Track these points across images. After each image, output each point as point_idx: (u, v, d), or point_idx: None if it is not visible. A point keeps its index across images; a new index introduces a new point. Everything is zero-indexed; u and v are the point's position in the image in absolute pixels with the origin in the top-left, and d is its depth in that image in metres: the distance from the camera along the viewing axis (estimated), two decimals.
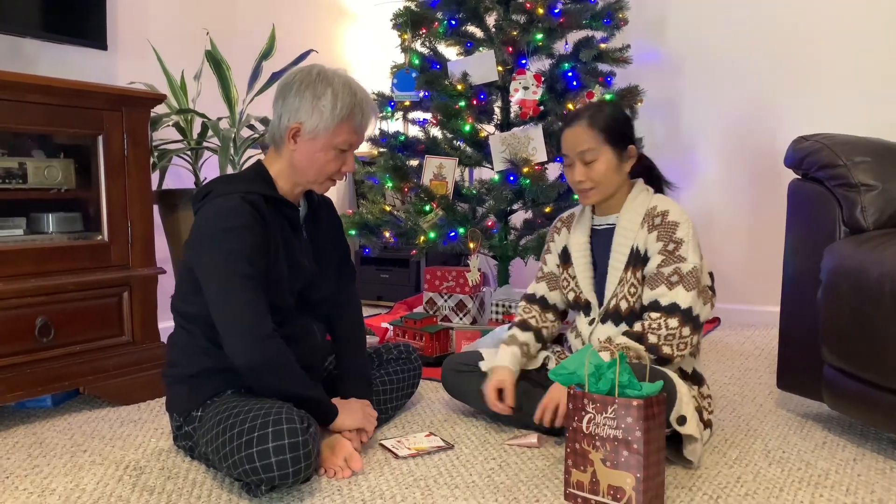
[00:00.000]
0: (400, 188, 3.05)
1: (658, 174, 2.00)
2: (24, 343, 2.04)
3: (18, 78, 2.04)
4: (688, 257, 1.74)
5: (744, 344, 3.05)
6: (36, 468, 1.74)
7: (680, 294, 1.72)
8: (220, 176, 1.81)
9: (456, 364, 2.09)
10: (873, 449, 1.81)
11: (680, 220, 1.78)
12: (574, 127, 1.83)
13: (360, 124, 1.74)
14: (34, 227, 2.20)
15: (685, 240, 1.75)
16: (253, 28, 3.42)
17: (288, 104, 1.71)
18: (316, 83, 1.70)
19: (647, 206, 1.83)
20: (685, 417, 1.63)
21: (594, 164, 1.81)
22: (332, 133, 1.70)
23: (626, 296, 1.81)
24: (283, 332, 1.70)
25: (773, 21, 3.38)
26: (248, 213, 1.63)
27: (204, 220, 1.67)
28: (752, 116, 3.47)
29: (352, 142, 1.74)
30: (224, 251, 1.60)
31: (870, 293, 1.66)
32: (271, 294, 1.69)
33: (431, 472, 1.69)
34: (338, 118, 1.69)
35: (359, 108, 1.72)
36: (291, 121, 1.70)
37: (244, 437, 1.49)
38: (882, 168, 1.87)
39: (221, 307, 1.60)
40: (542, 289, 2.04)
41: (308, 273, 1.80)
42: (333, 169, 1.75)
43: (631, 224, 1.82)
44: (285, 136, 1.72)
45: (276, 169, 1.76)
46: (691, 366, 1.86)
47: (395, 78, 3.11)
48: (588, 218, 1.95)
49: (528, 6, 2.94)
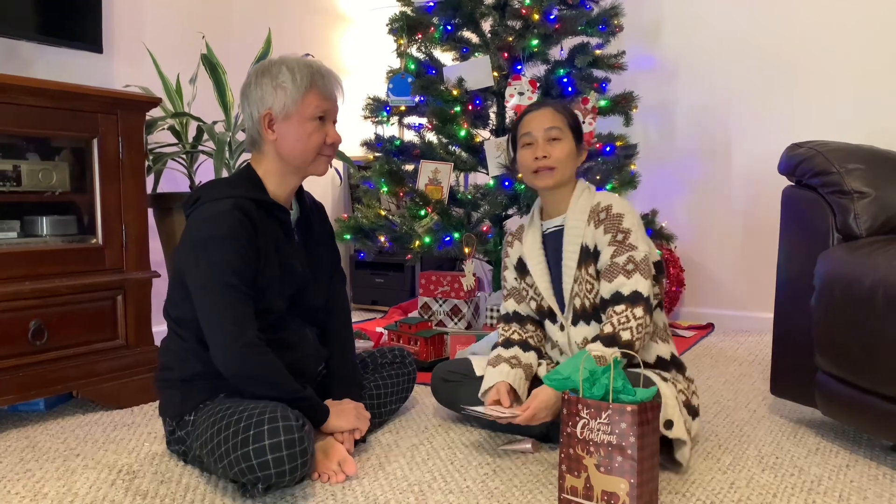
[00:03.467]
0: (395, 193, 3.05)
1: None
2: (18, 346, 2.03)
3: (14, 80, 2.04)
4: (638, 245, 1.77)
5: (737, 350, 3.06)
6: (28, 472, 1.73)
7: (640, 282, 1.73)
8: (209, 181, 1.81)
9: (445, 373, 2.09)
10: (866, 455, 1.81)
11: (624, 210, 1.81)
12: (541, 109, 1.90)
13: (325, 88, 1.74)
14: (28, 230, 2.20)
15: (632, 229, 1.78)
16: (249, 32, 3.42)
17: (251, 98, 1.73)
18: (269, 68, 1.73)
19: (591, 203, 1.85)
20: (672, 421, 1.64)
21: (558, 144, 1.85)
22: (302, 104, 1.71)
23: (585, 293, 1.83)
24: (277, 338, 1.70)
25: (768, 28, 3.40)
26: (236, 219, 1.62)
27: (191, 229, 1.67)
28: (746, 122, 3.49)
29: (324, 108, 1.74)
30: (209, 260, 1.61)
31: (863, 300, 1.67)
32: (263, 299, 1.69)
33: (426, 476, 1.69)
34: (301, 88, 1.70)
35: (318, 74, 1.73)
36: (261, 110, 1.72)
37: (239, 435, 1.49)
38: (875, 175, 1.88)
39: (206, 315, 1.62)
40: (511, 305, 2.03)
41: (300, 276, 1.80)
42: (318, 140, 1.74)
43: (577, 222, 1.85)
44: (261, 129, 1.73)
45: (264, 169, 1.76)
46: (668, 351, 1.86)
47: (391, 83, 3.11)
48: (537, 224, 1.96)
49: (523, 12, 2.95)
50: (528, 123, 1.89)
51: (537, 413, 1.70)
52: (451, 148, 3.12)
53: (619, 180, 2.98)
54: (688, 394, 1.80)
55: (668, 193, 3.64)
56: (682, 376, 1.85)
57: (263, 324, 1.68)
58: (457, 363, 2.11)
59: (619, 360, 1.52)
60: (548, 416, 1.72)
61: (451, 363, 2.14)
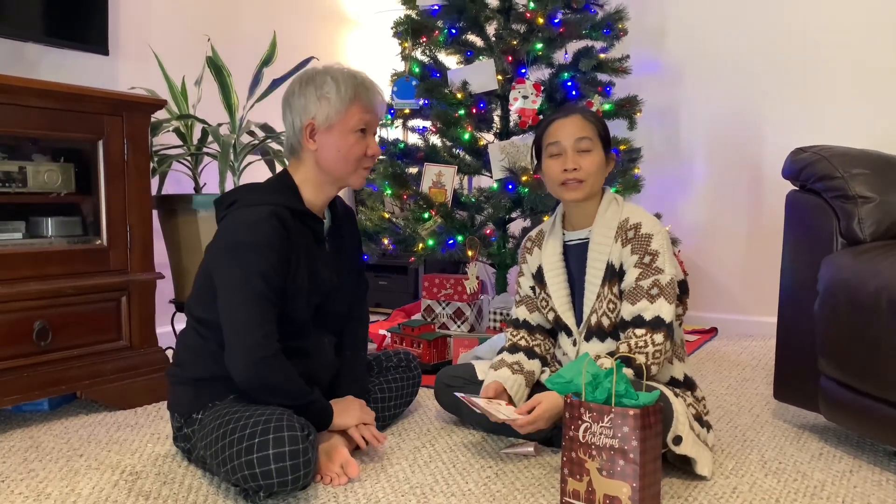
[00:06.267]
0: (399, 195, 3.06)
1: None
2: (22, 346, 2.04)
3: (20, 82, 2.05)
4: (665, 268, 1.72)
5: (741, 354, 3.05)
6: (32, 472, 1.74)
7: (663, 307, 1.70)
8: (247, 184, 1.80)
9: (448, 377, 2.08)
10: (869, 460, 1.81)
11: (653, 231, 1.75)
12: (571, 117, 1.81)
13: (368, 101, 1.74)
14: (33, 230, 2.20)
15: (660, 251, 1.73)
16: (254, 34, 3.42)
17: (295, 107, 1.72)
18: (314, 77, 1.72)
19: (618, 219, 1.79)
20: (681, 437, 1.62)
21: (588, 156, 1.78)
22: (345, 116, 1.70)
23: (607, 312, 1.78)
24: (296, 345, 1.70)
25: (773, 31, 3.39)
26: (273, 227, 1.62)
27: (227, 231, 1.67)
28: (750, 127, 3.48)
29: (367, 120, 1.74)
30: (242, 267, 1.61)
31: (867, 305, 1.67)
32: (289, 307, 1.68)
33: (427, 479, 1.69)
34: (346, 100, 1.70)
35: (362, 87, 1.73)
36: (304, 119, 1.71)
37: (244, 442, 1.49)
38: (879, 180, 1.88)
39: (229, 320, 1.62)
40: (522, 312, 1.98)
41: (328, 286, 1.80)
42: (359, 152, 1.74)
43: (604, 238, 1.79)
44: (302, 138, 1.72)
45: (301, 177, 1.76)
46: (682, 372, 1.85)
47: (395, 86, 3.12)
48: (559, 234, 1.90)
49: (528, 16, 2.95)
50: (556, 132, 1.81)
51: (538, 419, 1.69)
52: (455, 151, 3.13)
53: (624, 184, 2.98)
54: (698, 407, 1.78)
55: (672, 197, 3.63)
56: (691, 394, 1.82)
57: (284, 331, 1.67)
58: (460, 368, 2.11)
59: (621, 364, 1.52)
60: (545, 424, 1.71)
61: (455, 368, 2.13)
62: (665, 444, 1.59)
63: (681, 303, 1.82)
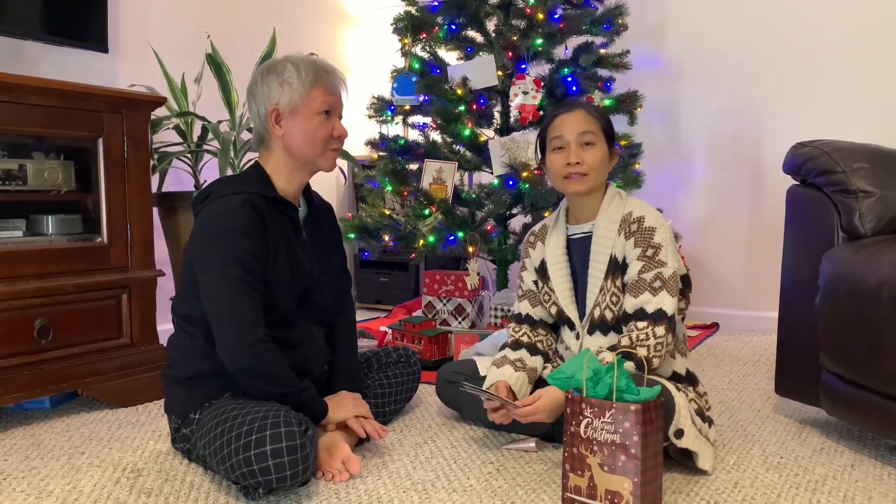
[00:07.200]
0: (399, 192, 3.05)
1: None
2: (23, 344, 2.04)
3: (19, 80, 2.05)
4: (667, 262, 1.73)
5: (742, 349, 3.05)
6: (33, 470, 1.74)
7: (666, 300, 1.70)
8: (220, 178, 1.83)
9: (450, 374, 2.08)
10: (871, 455, 1.81)
11: (656, 224, 1.76)
12: (574, 111, 1.82)
13: (330, 83, 1.77)
14: (34, 228, 2.20)
15: (663, 244, 1.74)
16: (254, 31, 3.42)
17: (259, 95, 1.75)
18: (275, 65, 1.76)
19: (622, 212, 1.80)
20: (682, 431, 1.62)
21: (591, 149, 1.79)
22: (308, 99, 1.73)
23: (610, 305, 1.79)
24: (284, 336, 1.71)
25: (773, 26, 3.39)
26: (247, 215, 1.64)
27: (203, 223, 1.69)
28: (751, 122, 3.48)
29: (330, 102, 1.76)
30: (220, 255, 1.62)
31: (868, 299, 1.66)
32: (272, 295, 1.69)
33: (429, 475, 1.69)
34: (307, 83, 1.73)
35: (322, 70, 1.76)
36: (268, 106, 1.74)
37: (242, 439, 1.49)
38: (880, 174, 1.87)
39: (215, 310, 1.63)
40: (525, 307, 1.98)
41: (309, 273, 1.81)
42: (325, 133, 1.76)
43: (607, 232, 1.79)
44: (269, 125, 1.74)
45: (272, 166, 1.78)
46: (684, 367, 1.84)
47: (396, 82, 3.11)
48: (562, 228, 1.91)
49: (528, 11, 2.95)
50: (559, 126, 1.82)
51: (539, 411, 1.68)
52: (456, 147, 3.13)
53: (624, 179, 2.98)
54: (700, 402, 1.78)
55: (672, 192, 3.63)
56: (693, 389, 1.82)
57: (271, 321, 1.68)
58: (461, 364, 2.11)
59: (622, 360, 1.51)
60: (547, 418, 1.70)
61: (456, 364, 2.13)
62: (667, 438, 1.59)
63: (683, 297, 1.82)
